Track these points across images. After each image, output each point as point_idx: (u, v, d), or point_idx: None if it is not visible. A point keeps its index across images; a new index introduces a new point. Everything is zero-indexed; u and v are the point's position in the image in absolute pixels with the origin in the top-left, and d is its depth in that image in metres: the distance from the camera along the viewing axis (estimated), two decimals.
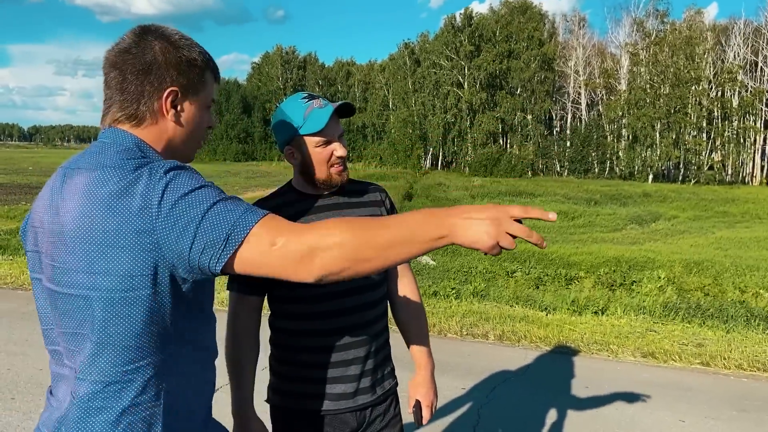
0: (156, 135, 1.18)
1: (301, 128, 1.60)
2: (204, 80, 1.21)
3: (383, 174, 37.69)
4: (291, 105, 1.63)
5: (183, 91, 1.17)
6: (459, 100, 51.11)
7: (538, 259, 11.20)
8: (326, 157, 1.63)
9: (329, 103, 1.62)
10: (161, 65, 1.15)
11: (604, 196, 28.27)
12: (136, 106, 1.15)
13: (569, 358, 4.84)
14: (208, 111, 1.24)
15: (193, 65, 1.18)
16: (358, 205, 1.73)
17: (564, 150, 49.20)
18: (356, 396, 1.69)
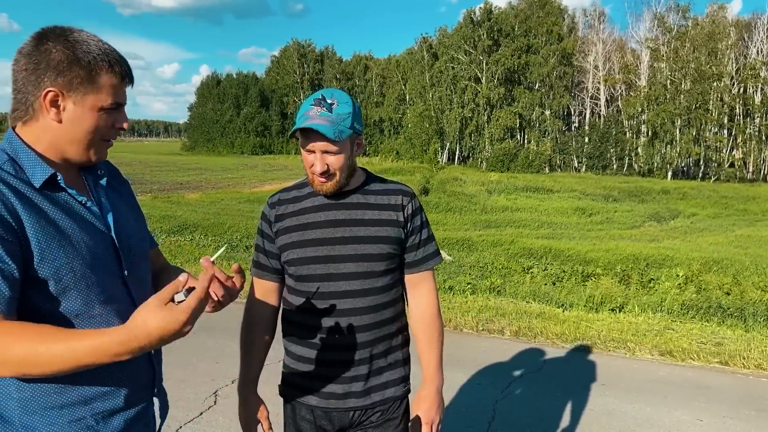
0: (39, 133, 1.21)
1: (294, 125, 1.63)
2: (94, 81, 1.19)
3: (399, 168, 37.67)
4: (305, 101, 1.64)
5: (64, 91, 1.18)
6: (476, 95, 50.82)
7: (554, 256, 11.15)
8: (308, 165, 1.63)
9: (321, 118, 1.57)
10: (46, 66, 1.17)
11: (623, 193, 28.01)
12: (23, 105, 1.20)
13: (586, 355, 4.82)
14: (100, 113, 1.22)
15: (78, 66, 1.18)
16: (371, 207, 1.69)
17: (582, 146, 48.78)
18: (347, 398, 1.68)
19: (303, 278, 1.67)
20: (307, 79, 69.29)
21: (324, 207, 1.68)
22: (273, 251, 1.73)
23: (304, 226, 1.67)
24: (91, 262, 1.20)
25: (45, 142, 1.21)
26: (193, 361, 4.35)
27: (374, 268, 1.67)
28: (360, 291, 1.66)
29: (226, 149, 66.24)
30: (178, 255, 8.97)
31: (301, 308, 1.69)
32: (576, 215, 21.24)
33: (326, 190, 1.64)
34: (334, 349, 1.67)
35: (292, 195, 1.73)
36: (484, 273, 9.61)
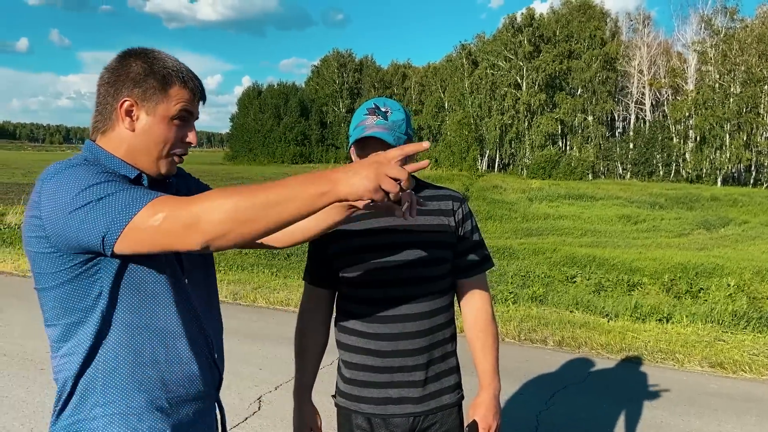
0: (116, 143, 1.26)
1: (350, 137, 1.66)
2: (166, 93, 1.25)
3: (439, 176, 37.55)
4: (358, 111, 1.68)
5: (139, 101, 1.24)
6: (517, 102, 50.34)
7: (598, 264, 10.92)
8: None
9: (379, 126, 1.60)
10: (126, 78, 1.24)
11: (670, 200, 27.28)
12: (102, 117, 1.27)
13: (632, 366, 4.71)
14: (171, 124, 1.27)
15: (153, 77, 1.24)
16: (424, 213, 1.70)
17: (626, 152, 47.71)
18: (404, 403, 1.68)
19: (359, 285, 1.69)
20: (346, 89, 69.93)
21: (378, 213, 1.68)
22: (326, 259, 1.74)
23: (359, 234, 1.69)
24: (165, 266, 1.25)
25: (122, 151, 1.27)
26: (237, 368, 4.44)
27: (430, 273, 1.69)
28: (416, 296, 1.67)
29: (267, 158, 67.31)
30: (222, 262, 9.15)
31: (356, 315, 1.70)
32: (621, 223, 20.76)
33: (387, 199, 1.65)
34: (391, 355, 1.67)
35: None
36: (526, 282, 9.48)
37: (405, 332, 1.66)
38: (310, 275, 1.79)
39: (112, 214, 1.08)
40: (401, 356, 1.66)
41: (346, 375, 1.74)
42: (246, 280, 7.49)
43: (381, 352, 1.67)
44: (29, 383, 4.06)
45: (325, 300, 1.79)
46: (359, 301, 1.69)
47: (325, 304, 1.79)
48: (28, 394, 3.89)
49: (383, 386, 1.68)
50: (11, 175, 34.62)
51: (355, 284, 1.69)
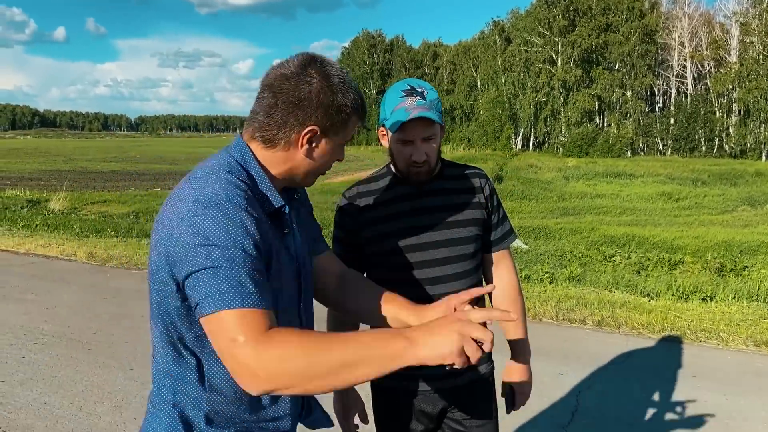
0: (281, 161, 1.21)
1: (386, 120, 1.64)
2: (347, 124, 1.23)
3: (472, 156, 37.21)
4: (391, 93, 1.65)
5: (323, 131, 1.20)
6: (551, 78, 49.34)
7: (638, 243, 10.71)
8: (405, 156, 1.64)
9: (420, 107, 1.57)
10: (312, 104, 1.17)
11: (713, 176, 26.50)
12: (276, 132, 1.19)
13: (674, 346, 4.61)
14: (341, 148, 1.27)
15: (341, 111, 1.20)
16: (455, 192, 1.73)
17: (667, 127, 46.41)
18: (446, 378, 1.70)
19: (395, 268, 1.69)
20: (377, 70, 69.60)
21: (409, 196, 1.70)
22: (355, 243, 1.74)
23: (392, 217, 1.69)
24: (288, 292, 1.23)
25: (279, 169, 1.23)
26: None
27: (465, 251, 1.71)
28: (453, 275, 1.69)
29: None
30: None
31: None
32: (661, 201, 20.28)
33: (422, 178, 1.67)
34: None
35: (371, 187, 1.75)
36: (563, 262, 9.34)
37: None
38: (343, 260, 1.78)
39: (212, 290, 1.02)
40: None
41: None
42: None
43: None
44: (77, 363, 4.20)
45: None
46: (396, 283, 1.67)
47: None
48: (76, 374, 4.01)
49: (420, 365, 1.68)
50: (53, 163, 35.66)
51: (393, 267, 1.70)
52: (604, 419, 3.43)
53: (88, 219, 12.33)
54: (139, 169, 31.86)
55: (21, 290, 6.15)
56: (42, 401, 3.59)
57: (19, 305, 5.59)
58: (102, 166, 33.36)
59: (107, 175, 27.62)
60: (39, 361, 4.23)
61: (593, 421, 3.39)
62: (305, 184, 1.29)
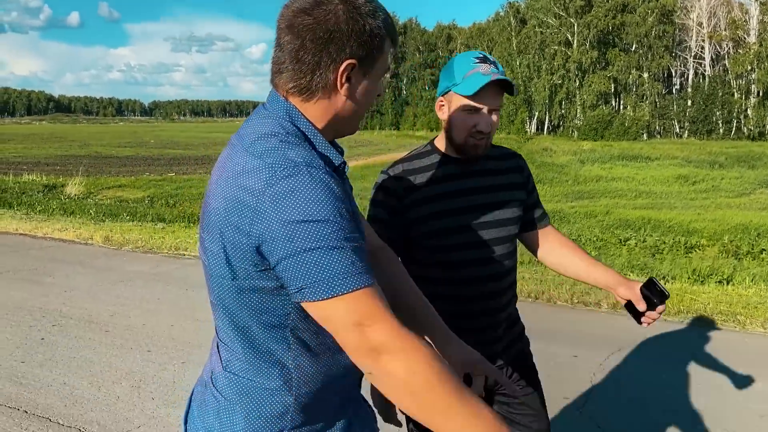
0: (324, 110, 1.08)
1: (456, 86, 1.58)
2: (383, 50, 1.09)
3: None
4: (461, 60, 1.61)
5: (360, 64, 1.06)
6: (567, 60, 48.74)
7: (654, 227, 10.61)
8: (468, 126, 1.59)
9: (497, 72, 1.56)
10: (343, 34, 1.03)
11: (730, 158, 26.14)
12: (310, 77, 1.05)
13: (691, 329, 4.57)
14: (380, 80, 1.14)
15: (375, 35, 1.06)
16: (500, 172, 1.72)
17: (684, 109, 45.75)
18: (493, 359, 1.70)
19: (441, 249, 1.66)
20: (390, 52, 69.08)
21: (456, 176, 1.67)
22: (398, 224, 1.67)
23: (442, 197, 1.66)
24: None
25: (325, 120, 1.09)
26: None
27: (510, 232, 1.71)
28: (499, 256, 1.68)
29: None
30: None
31: (439, 279, 1.67)
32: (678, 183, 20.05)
33: (479, 152, 1.64)
34: (475, 316, 1.68)
35: (416, 166, 1.70)
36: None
37: (489, 292, 1.68)
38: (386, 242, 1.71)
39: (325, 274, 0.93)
40: (485, 315, 1.69)
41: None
42: None
43: (465, 313, 1.67)
44: (95, 344, 4.26)
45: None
46: (443, 265, 1.67)
47: None
48: (95, 355, 4.07)
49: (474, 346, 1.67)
50: (68, 148, 35.97)
51: (441, 248, 1.66)
52: (618, 401, 3.42)
53: (103, 203, 12.46)
54: (154, 155, 32.05)
55: (39, 273, 6.23)
56: (61, 381, 3.65)
57: (38, 288, 5.67)
58: (117, 152, 33.61)
59: (122, 160, 27.84)
60: (58, 342, 4.30)
61: (608, 402, 3.39)
62: (352, 131, 1.15)
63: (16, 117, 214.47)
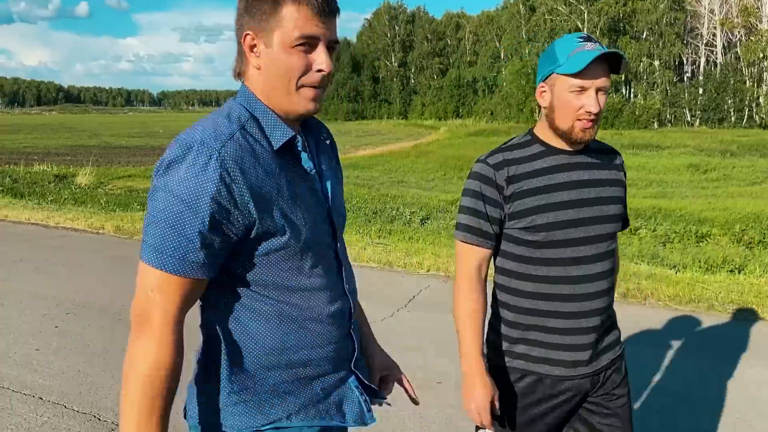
0: (253, 87, 1.14)
1: (560, 67, 1.49)
2: (279, 15, 1.07)
3: (494, 129, 36.77)
4: (563, 42, 1.52)
5: (257, 35, 1.09)
6: None
7: (664, 216, 10.54)
8: (576, 108, 1.49)
9: (599, 48, 1.47)
10: (241, 11, 1.11)
11: (742, 147, 25.89)
12: (239, 59, 1.15)
13: (702, 318, 4.56)
14: (295, 51, 1.08)
15: (261, 2, 1.08)
16: (602, 167, 1.62)
17: (695, 98, 45.26)
18: (591, 362, 1.63)
19: (549, 244, 1.55)
20: (398, 41, 68.77)
21: (563, 167, 1.57)
22: (497, 216, 1.58)
23: (550, 188, 1.55)
24: (310, 237, 1.15)
25: (259, 93, 1.14)
26: None
27: (614, 229, 1.63)
28: (601, 255, 1.59)
29: (320, 116, 66.58)
30: None
31: (539, 277, 1.58)
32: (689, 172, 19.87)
33: (587, 137, 1.53)
34: (574, 316, 1.58)
35: (518, 155, 1.59)
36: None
37: (592, 292, 1.59)
38: (476, 234, 1.60)
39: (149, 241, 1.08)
40: (581, 317, 1.59)
41: (514, 337, 1.64)
42: None
43: (572, 313, 1.58)
44: (108, 332, 4.30)
45: (487, 261, 1.64)
46: (545, 261, 1.57)
47: (486, 265, 1.64)
48: (108, 343, 4.12)
49: (574, 348, 1.60)
50: (78, 138, 36.13)
51: (536, 244, 1.56)
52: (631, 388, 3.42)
53: (114, 193, 12.52)
54: (163, 145, 32.09)
55: (52, 263, 6.29)
56: (76, 369, 3.69)
57: (51, 277, 5.72)
58: (126, 142, 33.72)
59: (132, 150, 27.96)
60: (72, 330, 4.34)
61: None
62: (291, 107, 1.13)
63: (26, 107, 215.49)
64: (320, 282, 1.19)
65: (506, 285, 1.64)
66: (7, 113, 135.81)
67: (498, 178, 1.56)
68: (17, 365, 3.73)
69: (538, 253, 1.56)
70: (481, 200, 1.58)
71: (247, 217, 1.07)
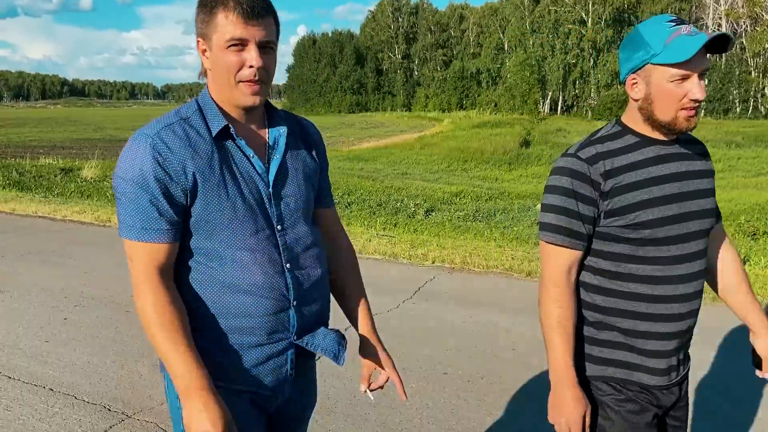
0: (209, 86, 1.35)
1: (657, 56, 1.36)
2: (214, 21, 1.26)
3: (498, 121, 36.69)
4: (652, 27, 1.38)
5: (202, 36, 1.30)
6: (581, 39, 48.07)
7: None
8: (678, 97, 1.37)
9: (700, 31, 1.36)
10: (196, 22, 1.31)
11: (747, 138, 25.80)
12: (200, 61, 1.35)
13: (706, 308, 4.56)
14: (230, 51, 1.27)
15: (202, 11, 1.28)
16: (694, 158, 1.52)
17: None
18: (678, 370, 1.54)
19: (654, 242, 1.44)
20: (401, 33, 68.57)
21: (661, 158, 1.45)
22: (590, 215, 1.45)
23: (652, 182, 1.43)
24: (241, 212, 1.31)
25: (215, 93, 1.35)
26: None
27: (711, 225, 1.52)
28: (701, 252, 1.49)
29: (324, 108, 67.49)
30: None
31: (640, 276, 1.46)
32: None
33: (693, 125, 1.42)
34: (681, 318, 1.48)
35: (612, 146, 1.46)
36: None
37: (692, 292, 1.48)
38: (569, 236, 1.47)
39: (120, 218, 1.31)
40: (690, 318, 1.50)
41: (610, 340, 1.51)
42: None
43: (672, 315, 1.47)
44: (116, 324, 4.34)
45: (577, 263, 1.50)
46: (648, 260, 1.45)
47: (575, 268, 1.50)
48: (117, 334, 4.16)
49: (670, 354, 1.50)
50: (83, 131, 36.21)
51: (638, 242, 1.44)
52: None
53: None
54: None
55: (59, 255, 6.34)
56: (85, 360, 3.73)
57: (59, 269, 5.77)
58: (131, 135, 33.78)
59: None
60: (80, 322, 4.38)
61: None
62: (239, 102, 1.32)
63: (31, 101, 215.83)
64: (253, 256, 1.32)
65: (600, 286, 1.50)
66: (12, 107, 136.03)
67: (593, 173, 1.43)
68: (27, 357, 3.77)
69: (641, 252, 1.45)
70: (572, 198, 1.45)
71: (184, 188, 1.27)
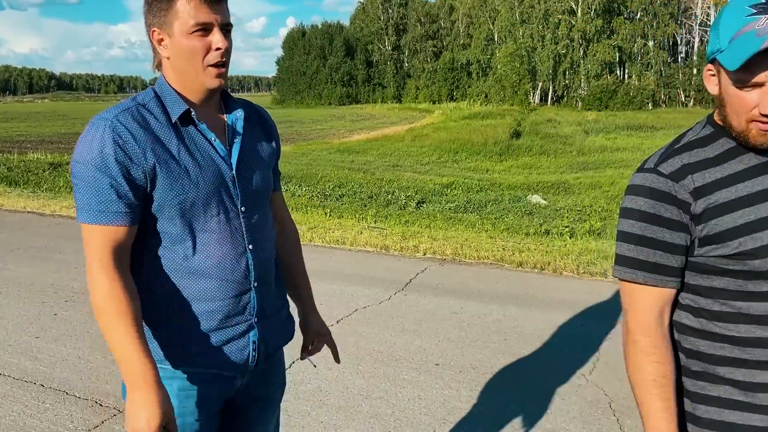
0: (166, 72, 1.34)
1: (720, 53, 1.11)
2: (174, 8, 1.27)
3: (489, 112, 36.70)
4: (730, 11, 1.11)
5: (159, 28, 1.29)
6: (571, 30, 48.08)
7: None
8: (747, 107, 1.09)
9: None
10: (145, 13, 1.31)
11: None
12: (153, 53, 1.35)
13: None
14: (194, 36, 1.28)
15: (157, 1, 1.28)
16: None
17: (690, 78, 45.24)
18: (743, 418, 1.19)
19: (751, 277, 1.13)
20: (391, 25, 68.30)
21: (761, 167, 1.15)
22: (681, 243, 1.17)
23: (755, 198, 1.13)
24: (204, 194, 1.32)
25: (173, 79, 1.34)
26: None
27: None
28: None
29: (314, 101, 67.22)
30: None
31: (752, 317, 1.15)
32: None
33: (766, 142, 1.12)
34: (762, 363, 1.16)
35: (701, 157, 1.17)
36: (583, 216, 9.29)
37: None
38: (652, 272, 1.19)
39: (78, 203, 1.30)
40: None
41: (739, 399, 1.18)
42: (301, 221, 7.65)
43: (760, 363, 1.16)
44: None
45: (669, 305, 1.22)
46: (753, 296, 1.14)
47: (667, 311, 1.22)
48: None
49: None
50: (72, 126, 35.87)
51: (751, 275, 1.13)
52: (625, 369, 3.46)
53: None
54: None
55: (49, 250, 6.29)
56: (76, 356, 3.71)
57: (49, 265, 5.73)
58: None
59: None
60: (71, 317, 4.36)
61: (614, 370, 3.43)
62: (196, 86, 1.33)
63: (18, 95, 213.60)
64: (214, 238, 1.34)
65: (700, 329, 1.20)
66: None
67: (679, 192, 1.15)
68: (17, 353, 3.75)
69: (751, 286, 1.14)
70: (656, 224, 1.17)
71: (144, 170, 1.26)
